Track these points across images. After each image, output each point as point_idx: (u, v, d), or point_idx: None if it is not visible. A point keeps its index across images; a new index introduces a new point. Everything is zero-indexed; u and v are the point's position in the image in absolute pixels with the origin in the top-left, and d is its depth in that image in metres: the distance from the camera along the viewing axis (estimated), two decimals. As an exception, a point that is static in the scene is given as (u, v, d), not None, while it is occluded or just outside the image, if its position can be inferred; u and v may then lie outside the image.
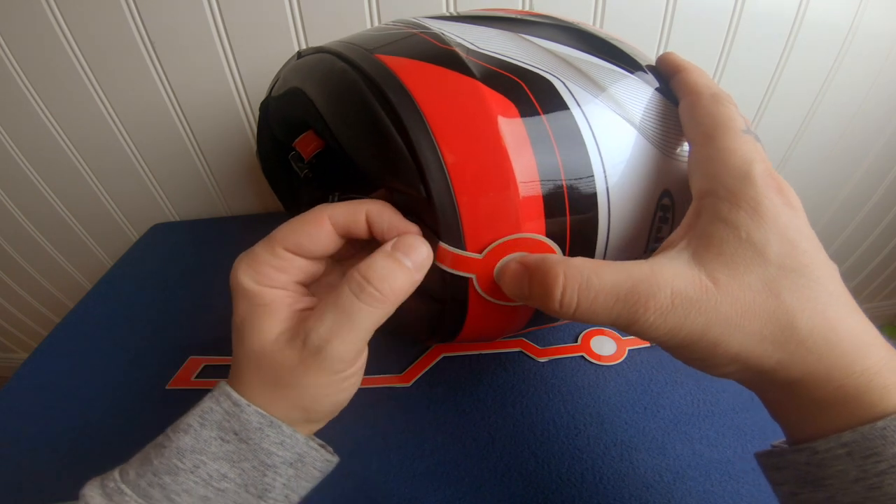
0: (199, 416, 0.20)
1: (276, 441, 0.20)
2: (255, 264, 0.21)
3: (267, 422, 0.20)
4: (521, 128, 0.20)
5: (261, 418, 0.20)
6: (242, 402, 0.20)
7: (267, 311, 0.20)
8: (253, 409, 0.20)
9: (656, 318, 0.17)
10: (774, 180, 0.18)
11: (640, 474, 0.30)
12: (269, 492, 0.20)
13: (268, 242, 0.21)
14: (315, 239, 0.21)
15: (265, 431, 0.20)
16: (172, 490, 0.18)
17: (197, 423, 0.20)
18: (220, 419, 0.20)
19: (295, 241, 0.21)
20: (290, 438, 0.20)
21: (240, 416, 0.20)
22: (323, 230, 0.21)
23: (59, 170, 0.62)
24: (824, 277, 0.17)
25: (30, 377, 0.40)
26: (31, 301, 0.84)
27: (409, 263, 0.20)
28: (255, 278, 0.21)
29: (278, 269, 0.21)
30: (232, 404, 0.20)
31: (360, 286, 0.19)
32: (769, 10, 0.52)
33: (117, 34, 0.49)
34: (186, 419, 0.20)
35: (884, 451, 0.15)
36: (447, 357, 0.38)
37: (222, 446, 0.19)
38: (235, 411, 0.20)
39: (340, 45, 0.24)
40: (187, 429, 0.19)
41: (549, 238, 0.21)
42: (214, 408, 0.20)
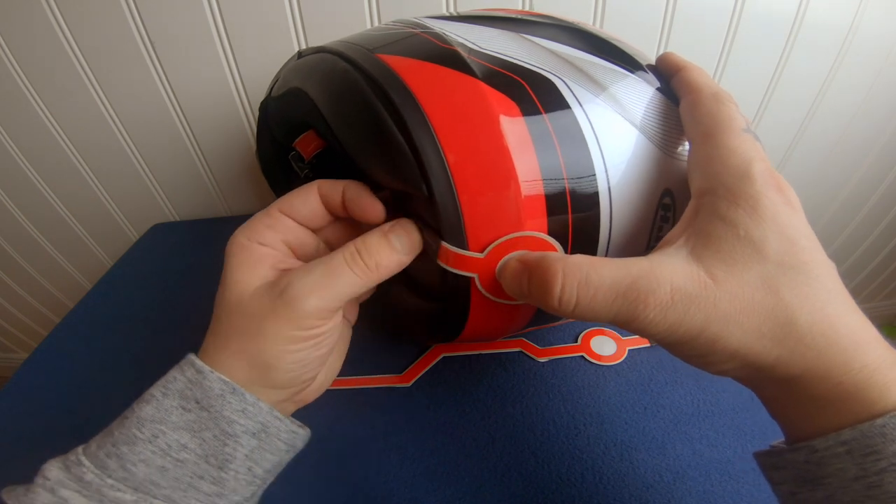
0: (162, 386, 0.20)
1: (238, 409, 0.20)
2: (251, 224, 0.22)
3: (229, 388, 0.20)
4: (523, 127, 0.20)
5: (223, 385, 0.20)
6: (206, 369, 0.20)
7: (252, 262, 0.21)
8: (216, 376, 0.20)
9: (656, 315, 0.17)
10: (774, 179, 0.18)
11: (640, 474, 0.30)
12: (230, 462, 0.20)
13: (266, 209, 0.23)
14: (304, 201, 0.23)
15: (227, 398, 0.19)
16: (129, 460, 0.18)
17: (160, 393, 0.20)
18: (182, 388, 0.20)
19: (287, 203, 0.23)
20: (252, 406, 0.20)
21: (202, 384, 0.19)
22: (311, 195, 0.23)
23: (59, 170, 0.62)
24: (823, 275, 0.17)
25: (30, 377, 0.40)
26: (31, 301, 0.84)
27: (399, 245, 0.21)
28: (247, 235, 0.22)
29: (269, 226, 0.22)
30: (195, 372, 0.20)
31: (352, 255, 0.21)
32: (769, 10, 0.52)
33: (117, 34, 0.49)
34: (150, 390, 0.20)
35: (883, 448, 0.15)
36: (447, 357, 0.38)
37: (183, 415, 0.19)
38: (198, 378, 0.20)
39: (341, 45, 0.24)
40: (150, 399, 0.19)
41: (550, 236, 0.21)
42: (178, 377, 0.20)
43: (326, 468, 0.30)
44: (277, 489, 0.30)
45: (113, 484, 0.18)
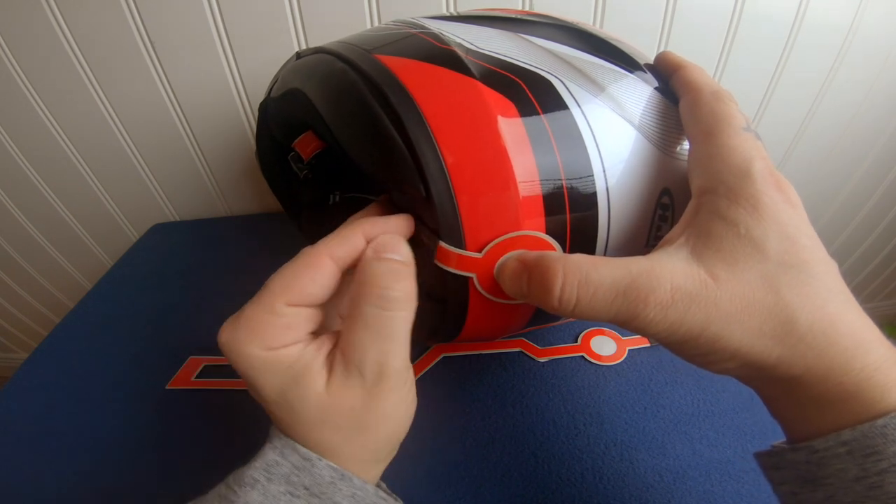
0: (264, 470, 0.19)
1: (349, 494, 0.19)
2: (257, 329, 0.18)
3: (339, 475, 0.19)
4: (521, 127, 0.20)
5: (332, 472, 0.19)
6: (313, 457, 0.19)
7: (302, 370, 0.19)
8: (325, 464, 0.19)
9: (656, 314, 0.17)
10: (774, 177, 0.18)
11: (640, 474, 0.30)
12: None
13: (263, 301, 0.19)
14: (320, 283, 0.19)
15: (338, 485, 0.19)
16: None
17: (263, 478, 0.18)
18: (287, 473, 0.19)
19: (298, 292, 0.19)
20: (361, 490, 0.20)
21: (311, 471, 0.19)
22: (326, 271, 0.19)
23: (59, 170, 0.62)
24: (824, 274, 0.17)
25: (30, 377, 0.40)
26: (31, 301, 0.84)
27: (399, 258, 0.20)
28: (263, 345, 0.18)
29: (286, 327, 0.19)
30: (301, 458, 0.19)
31: (381, 297, 0.19)
32: (769, 10, 0.52)
33: (117, 34, 0.49)
34: (250, 472, 0.19)
35: (884, 449, 0.14)
36: (447, 357, 0.38)
37: (292, 501, 0.18)
38: (306, 465, 0.19)
39: (339, 46, 0.24)
40: (253, 483, 0.18)
41: (549, 235, 0.21)
42: (280, 461, 0.19)
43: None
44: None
45: None
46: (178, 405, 0.36)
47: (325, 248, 0.19)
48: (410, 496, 0.29)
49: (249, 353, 0.18)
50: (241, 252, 0.54)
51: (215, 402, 0.36)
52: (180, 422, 0.35)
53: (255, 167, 0.60)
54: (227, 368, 0.22)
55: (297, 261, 0.19)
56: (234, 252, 0.55)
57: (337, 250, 0.20)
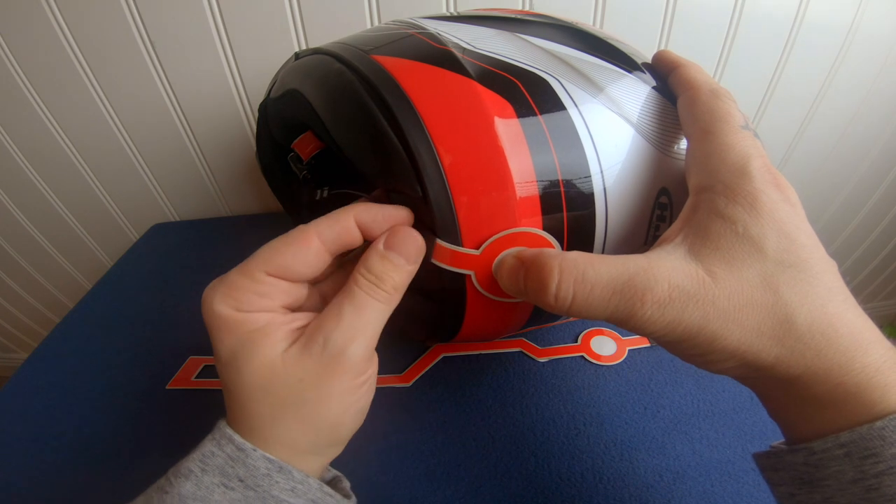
0: (199, 461, 0.18)
1: (287, 488, 0.19)
2: (233, 291, 0.19)
3: (276, 467, 0.19)
4: (518, 128, 0.20)
5: (268, 463, 0.19)
6: (247, 447, 0.19)
7: (262, 333, 0.19)
8: (259, 454, 0.19)
9: (654, 312, 0.16)
10: (772, 176, 0.18)
11: (640, 474, 0.30)
12: None
13: (244, 267, 0.19)
14: (302, 259, 0.20)
15: (274, 477, 0.18)
16: None
17: (198, 469, 0.18)
18: (222, 464, 0.18)
19: (279, 264, 0.19)
20: (301, 484, 0.19)
21: (245, 462, 0.18)
22: (311, 249, 0.20)
23: (59, 170, 0.62)
24: (823, 273, 0.17)
25: (30, 377, 0.40)
26: (31, 301, 0.84)
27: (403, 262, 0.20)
28: (234, 305, 0.19)
29: (260, 294, 0.19)
30: (235, 448, 0.19)
31: (370, 287, 0.19)
32: (769, 10, 0.52)
33: (117, 34, 0.49)
34: (186, 463, 0.19)
35: (882, 451, 0.14)
36: (447, 357, 0.38)
37: (226, 493, 0.18)
38: (240, 456, 0.18)
39: (337, 46, 0.24)
40: (188, 474, 0.18)
41: (546, 232, 0.21)
42: (216, 452, 0.19)
43: (326, 468, 0.30)
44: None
45: None
46: (178, 405, 0.36)
47: (314, 228, 0.20)
48: (410, 496, 0.29)
49: (219, 311, 0.19)
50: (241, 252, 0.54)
51: (215, 402, 0.35)
52: (180, 422, 0.35)
53: (255, 167, 0.60)
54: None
55: (287, 236, 0.20)
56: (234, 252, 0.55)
57: (326, 231, 0.20)
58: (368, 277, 0.19)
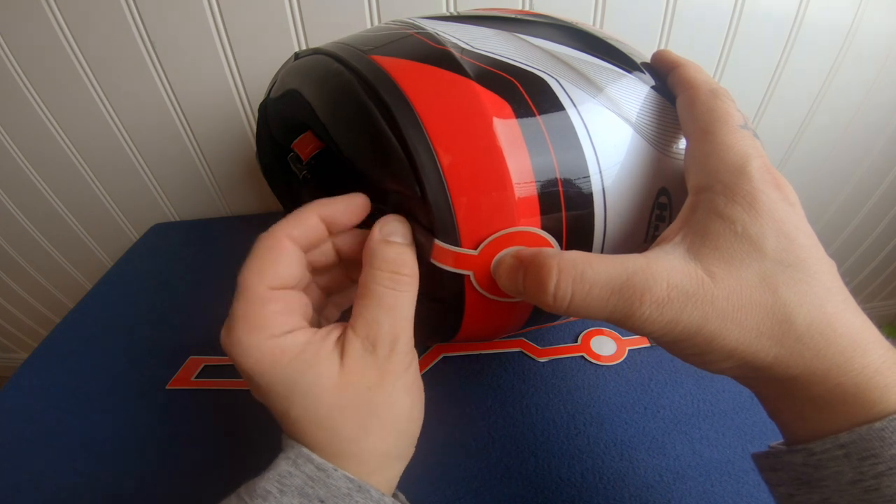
0: (277, 482, 0.18)
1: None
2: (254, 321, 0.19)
3: (356, 486, 0.18)
4: (517, 128, 0.20)
5: (349, 483, 0.18)
6: (328, 467, 0.18)
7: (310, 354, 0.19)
8: (340, 474, 0.18)
9: (652, 312, 0.16)
10: (771, 175, 0.18)
11: (640, 474, 0.30)
12: None
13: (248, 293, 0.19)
14: (289, 263, 0.20)
15: (354, 497, 0.18)
16: None
17: (276, 489, 0.18)
18: (301, 484, 0.18)
19: (274, 275, 0.19)
20: (378, 502, 0.19)
21: (326, 482, 0.18)
22: (292, 251, 0.20)
23: (59, 170, 0.62)
24: (822, 273, 0.17)
25: (30, 377, 0.40)
26: (31, 301, 0.84)
27: (403, 240, 0.21)
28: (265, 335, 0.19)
29: (283, 312, 0.19)
30: (315, 468, 0.18)
31: (392, 279, 0.20)
32: (769, 9, 0.52)
33: (117, 35, 0.49)
34: (262, 483, 0.18)
35: (881, 452, 0.14)
36: (447, 357, 0.38)
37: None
38: (321, 476, 0.18)
39: (336, 47, 0.25)
40: (266, 495, 0.18)
41: (545, 231, 0.21)
42: (294, 472, 0.18)
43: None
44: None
45: None
46: (178, 405, 0.36)
47: (281, 231, 0.20)
48: (411, 496, 0.29)
49: (253, 345, 0.18)
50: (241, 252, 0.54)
51: (215, 402, 0.36)
52: (180, 422, 0.35)
53: (255, 167, 0.60)
54: (228, 368, 0.22)
55: (259, 248, 0.20)
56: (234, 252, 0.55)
57: (293, 231, 0.20)
58: (386, 270, 0.20)
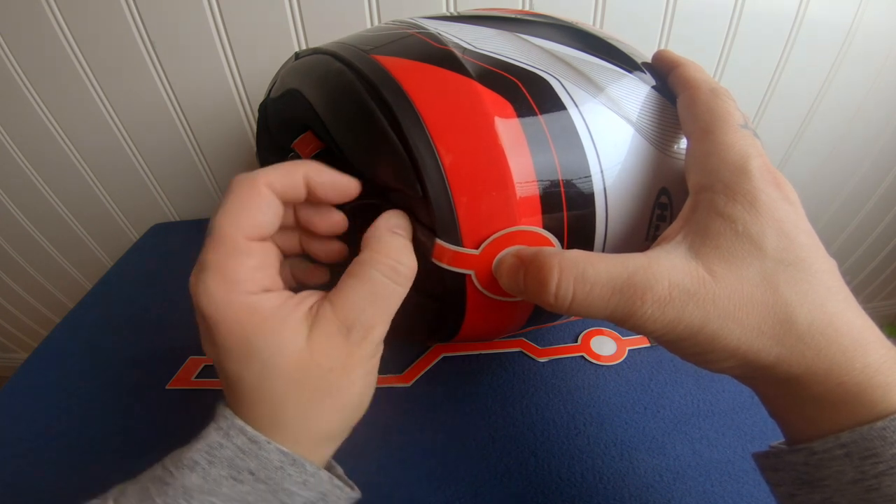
0: (206, 453, 0.18)
1: (299, 480, 0.18)
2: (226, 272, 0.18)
3: (289, 460, 0.18)
4: (518, 128, 0.20)
5: (282, 456, 0.18)
6: (261, 439, 0.18)
7: (278, 320, 0.18)
8: (273, 447, 0.18)
9: (654, 311, 0.16)
10: (771, 175, 0.18)
11: (640, 474, 0.30)
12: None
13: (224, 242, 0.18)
14: (266, 211, 0.19)
15: (287, 470, 0.18)
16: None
17: (204, 461, 0.18)
18: (231, 456, 0.18)
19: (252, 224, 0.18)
20: (313, 477, 0.19)
21: (258, 454, 0.18)
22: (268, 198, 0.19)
23: (59, 170, 0.62)
24: (823, 272, 0.17)
25: (30, 377, 0.40)
26: (31, 301, 0.84)
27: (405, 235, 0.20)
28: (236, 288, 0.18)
29: (257, 267, 0.18)
30: (247, 440, 0.18)
31: (392, 269, 0.19)
32: (769, 9, 0.52)
33: (117, 34, 0.49)
34: (190, 454, 0.18)
35: (883, 452, 0.14)
36: (447, 357, 0.38)
37: (235, 486, 0.17)
38: (252, 449, 0.18)
39: (337, 46, 0.25)
40: (193, 465, 0.17)
41: (547, 231, 0.21)
42: (224, 443, 0.18)
43: (326, 468, 0.30)
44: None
45: None
46: (178, 405, 0.36)
47: (263, 177, 0.19)
48: (410, 496, 0.29)
49: (224, 299, 0.17)
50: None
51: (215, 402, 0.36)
52: (180, 422, 0.35)
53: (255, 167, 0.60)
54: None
55: (236, 191, 0.19)
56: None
57: (276, 182, 0.19)
58: (389, 259, 0.19)
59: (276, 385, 0.18)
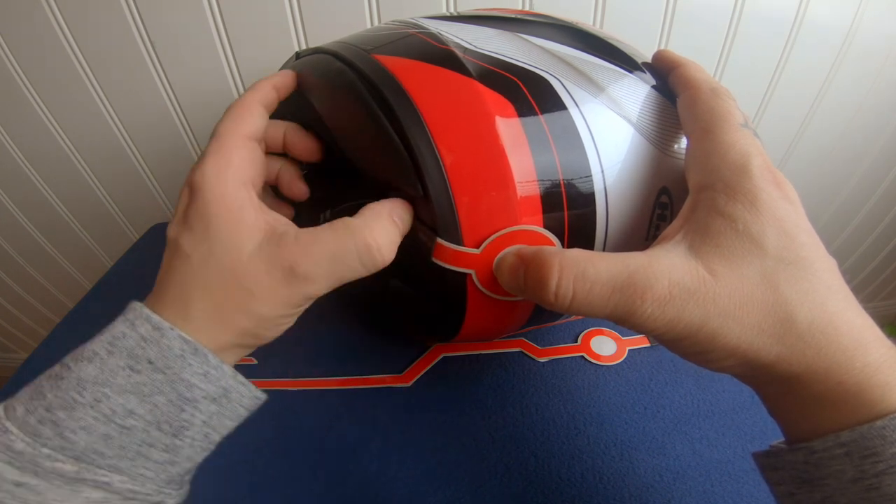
0: (107, 343, 0.17)
1: (199, 372, 0.18)
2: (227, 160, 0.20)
3: (191, 349, 0.18)
4: (519, 128, 0.20)
5: (184, 344, 0.18)
6: (164, 326, 0.17)
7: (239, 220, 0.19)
8: (176, 334, 0.18)
9: (654, 310, 0.16)
10: (772, 174, 0.18)
11: (640, 474, 0.30)
12: (186, 429, 0.18)
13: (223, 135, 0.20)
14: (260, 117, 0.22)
15: (187, 359, 0.18)
16: (67, 427, 0.16)
17: (104, 351, 0.17)
18: (132, 346, 0.17)
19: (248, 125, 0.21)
20: (215, 370, 0.18)
21: (159, 342, 0.17)
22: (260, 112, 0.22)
23: (59, 170, 0.62)
24: (823, 271, 0.17)
25: (30, 377, 0.40)
26: (31, 301, 0.84)
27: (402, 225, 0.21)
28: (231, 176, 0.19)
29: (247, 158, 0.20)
30: (151, 328, 0.17)
31: (367, 249, 0.19)
32: (769, 9, 0.52)
33: (117, 34, 0.49)
34: (91, 345, 0.17)
35: (883, 451, 0.14)
36: (447, 357, 0.38)
37: (131, 377, 0.17)
38: (154, 336, 0.17)
39: (338, 46, 0.25)
40: (92, 357, 0.17)
41: (547, 230, 0.21)
42: (128, 333, 0.18)
43: (326, 468, 0.30)
44: (277, 489, 0.30)
45: (49, 454, 0.16)
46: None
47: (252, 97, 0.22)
48: (410, 496, 0.29)
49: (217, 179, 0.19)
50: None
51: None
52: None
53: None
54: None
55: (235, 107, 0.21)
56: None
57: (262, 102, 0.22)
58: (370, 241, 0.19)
59: (211, 274, 0.18)
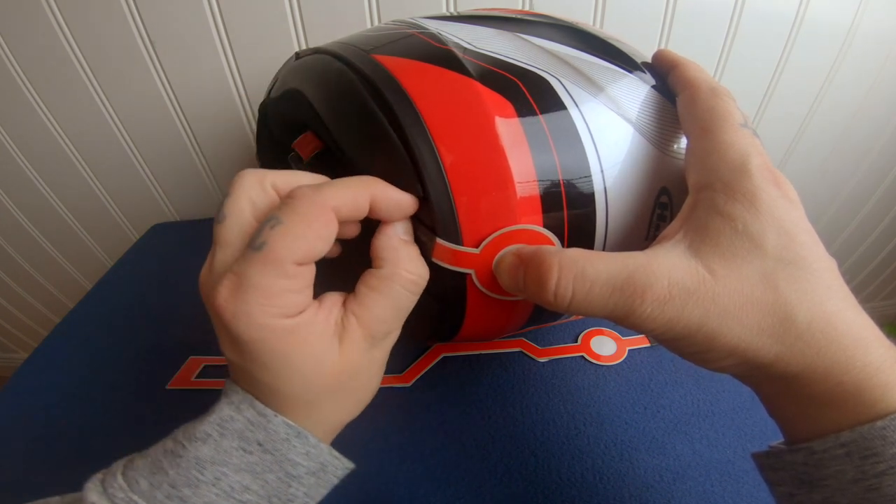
0: (217, 425, 0.19)
1: (302, 452, 0.19)
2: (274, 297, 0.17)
3: (294, 432, 0.19)
4: (519, 128, 0.20)
5: (288, 429, 0.19)
6: (268, 413, 0.19)
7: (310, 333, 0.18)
8: (280, 420, 0.19)
9: (653, 309, 0.16)
10: (771, 173, 0.18)
11: (640, 474, 0.30)
12: (292, 501, 0.20)
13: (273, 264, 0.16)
14: (327, 239, 0.17)
15: (292, 442, 0.19)
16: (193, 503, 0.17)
17: (216, 433, 0.18)
18: (241, 428, 0.19)
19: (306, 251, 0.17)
20: (315, 448, 0.20)
21: (266, 427, 0.19)
22: (333, 226, 0.18)
23: (59, 170, 0.62)
24: (822, 271, 0.17)
25: (30, 377, 0.40)
26: (31, 301, 0.84)
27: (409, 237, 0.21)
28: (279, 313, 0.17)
29: (299, 291, 0.18)
30: (256, 413, 0.19)
31: (413, 284, 0.20)
32: (769, 9, 0.52)
33: (117, 34, 0.49)
34: (202, 427, 0.19)
35: (883, 451, 0.14)
36: (447, 357, 0.38)
37: (244, 457, 0.18)
38: (261, 422, 0.19)
39: (338, 46, 0.25)
40: (205, 438, 0.18)
41: (547, 229, 0.21)
42: (235, 416, 0.19)
43: (326, 468, 0.30)
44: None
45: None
46: (178, 405, 0.36)
47: (330, 201, 0.17)
48: (410, 496, 0.29)
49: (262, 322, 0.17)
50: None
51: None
52: (180, 422, 0.35)
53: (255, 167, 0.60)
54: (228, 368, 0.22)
55: (299, 212, 0.17)
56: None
57: (343, 207, 0.18)
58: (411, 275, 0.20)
59: (313, 394, 0.20)
